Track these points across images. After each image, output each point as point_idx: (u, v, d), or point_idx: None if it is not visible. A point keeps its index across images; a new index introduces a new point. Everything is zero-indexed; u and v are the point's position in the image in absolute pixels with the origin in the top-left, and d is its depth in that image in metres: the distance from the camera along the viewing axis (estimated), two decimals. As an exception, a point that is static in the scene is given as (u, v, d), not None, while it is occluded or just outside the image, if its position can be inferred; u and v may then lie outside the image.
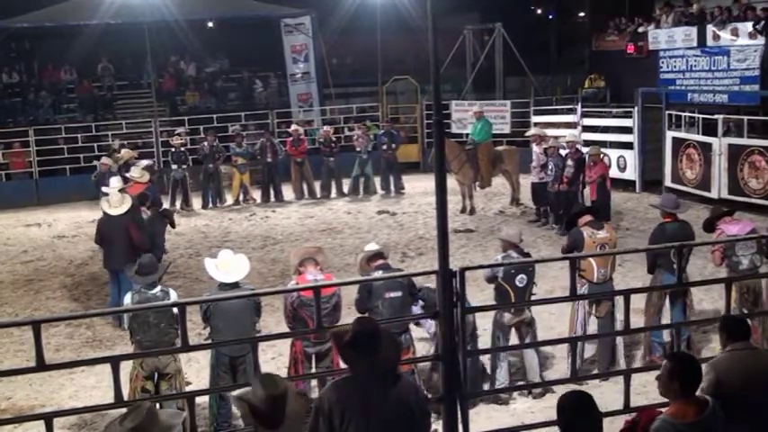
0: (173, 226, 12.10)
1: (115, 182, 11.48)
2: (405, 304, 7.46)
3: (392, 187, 18.92)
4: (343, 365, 4.79)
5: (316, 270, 7.40)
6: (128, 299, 7.43)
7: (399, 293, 7.39)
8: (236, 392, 4.26)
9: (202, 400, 7.31)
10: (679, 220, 8.70)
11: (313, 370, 7.34)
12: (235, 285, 7.11)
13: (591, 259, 8.05)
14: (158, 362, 7.08)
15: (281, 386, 4.05)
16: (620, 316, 8.25)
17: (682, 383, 4.45)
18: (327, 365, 7.21)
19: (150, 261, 7.66)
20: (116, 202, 10.70)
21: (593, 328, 8.43)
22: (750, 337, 5.30)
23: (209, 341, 7.15)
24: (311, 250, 7.80)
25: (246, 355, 7.04)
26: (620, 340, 8.32)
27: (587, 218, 8.62)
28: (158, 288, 7.35)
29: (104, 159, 15.53)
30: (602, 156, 14.06)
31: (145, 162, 14.79)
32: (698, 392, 4.57)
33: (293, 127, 19.05)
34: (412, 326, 8.12)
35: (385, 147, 18.77)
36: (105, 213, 10.82)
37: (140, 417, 3.85)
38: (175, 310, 6.74)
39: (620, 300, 8.10)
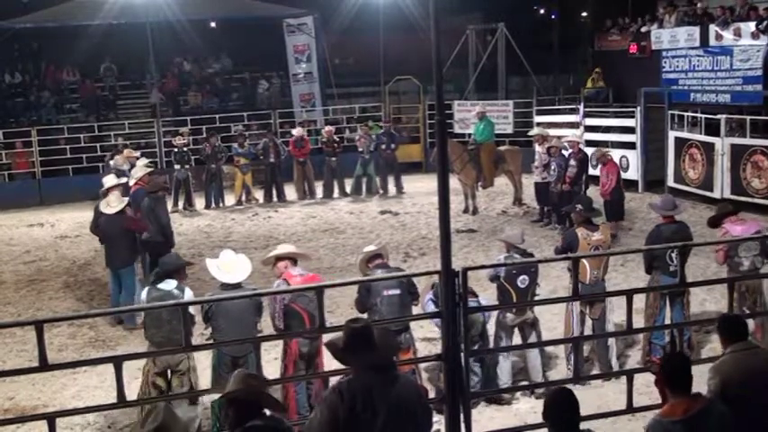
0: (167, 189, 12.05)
1: (108, 179, 11.56)
2: (404, 302, 7.48)
3: (392, 187, 18.92)
4: (340, 366, 4.84)
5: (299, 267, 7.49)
6: (144, 294, 7.47)
7: (398, 291, 7.42)
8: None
9: (205, 400, 7.31)
10: (676, 221, 8.69)
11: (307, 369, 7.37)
12: (237, 285, 7.11)
13: (584, 260, 8.04)
14: (171, 359, 7.10)
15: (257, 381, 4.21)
16: (612, 317, 8.29)
17: (670, 383, 4.49)
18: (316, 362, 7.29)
19: (169, 259, 7.71)
20: (114, 201, 10.72)
21: (588, 330, 8.42)
22: (749, 336, 5.31)
23: (211, 341, 7.16)
24: (293, 251, 7.85)
25: (248, 355, 7.06)
26: (612, 342, 8.32)
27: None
28: (174, 285, 7.33)
29: (117, 158, 15.60)
30: (609, 156, 14.00)
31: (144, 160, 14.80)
32: (704, 394, 4.60)
33: (298, 131, 18.90)
34: (414, 325, 8.14)
35: (384, 146, 18.77)
36: (102, 213, 10.84)
37: (160, 416, 3.94)
38: (191, 309, 6.78)
39: (613, 301, 8.13)
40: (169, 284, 7.32)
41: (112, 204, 10.68)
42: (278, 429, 4.28)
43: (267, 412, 4.39)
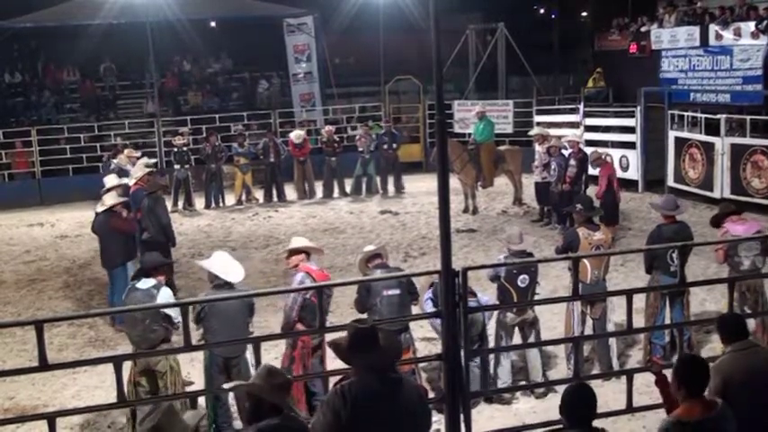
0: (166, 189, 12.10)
1: (109, 179, 11.55)
2: (404, 302, 7.50)
3: (391, 187, 18.93)
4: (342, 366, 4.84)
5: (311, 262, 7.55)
6: (124, 294, 7.48)
7: (398, 291, 7.44)
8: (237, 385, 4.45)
9: (202, 401, 7.31)
10: (677, 221, 8.70)
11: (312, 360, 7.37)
12: (229, 286, 7.10)
13: (585, 260, 8.04)
14: (150, 359, 7.06)
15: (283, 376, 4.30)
16: (613, 317, 8.29)
17: (686, 385, 4.48)
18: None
19: (149, 257, 7.70)
20: (107, 200, 10.67)
21: (588, 329, 8.42)
22: (749, 335, 5.31)
23: (202, 342, 7.14)
24: (309, 245, 7.87)
25: (240, 356, 7.06)
26: (613, 341, 8.33)
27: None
28: (152, 283, 7.25)
29: (121, 157, 15.61)
30: (604, 156, 14.00)
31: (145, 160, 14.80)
32: (706, 395, 4.60)
33: (296, 135, 18.80)
34: (414, 325, 8.14)
35: (386, 146, 18.77)
36: (96, 213, 10.82)
37: (158, 417, 3.93)
38: (172, 311, 6.79)
39: (613, 301, 8.13)
40: (146, 283, 7.26)
41: (105, 203, 10.65)
42: (291, 428, 4.28)
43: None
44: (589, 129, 18.68)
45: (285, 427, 4.24)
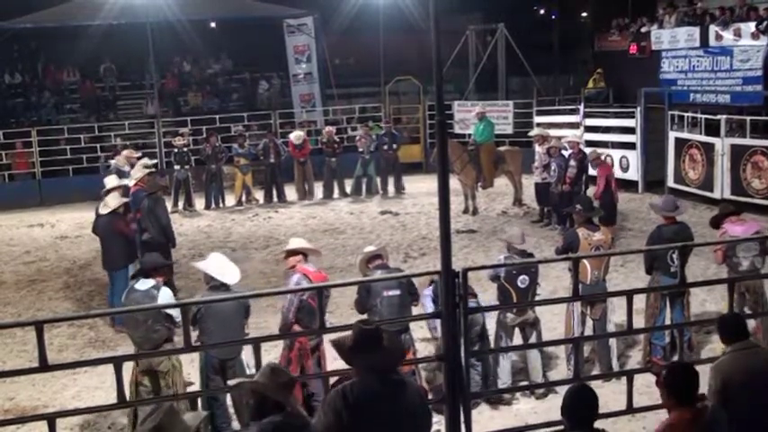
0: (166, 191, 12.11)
1: (110, 180, 11.54)
2: (404, 303, 7.49)
3: (391, 187, 18.93)
4: (345, 366, 4.83)
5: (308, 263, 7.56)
6: (123, 295, 7.49)
7: (398, 292, 7.43)
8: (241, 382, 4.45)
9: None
10: (677, 222, 8.70)
11: (311, 362, 7.37)
12: (225, 287, 7.10)
13: (585, 260, 8.04)
14: (152, 358, 7.06)
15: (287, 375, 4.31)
16: (613, 318, 8.29)
17: (676, 395, 4.48)
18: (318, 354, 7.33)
19: (148, 258, 7.70)
20: (110, 201, 10.66)
21: (588, 330, 8.42)
22: (749, 335, 5.31)
23: (198, 343, 7.14)
24: (306, 246, 7.87)
25: (236, 358, 7.06)
26: (613, 342, 8.33)
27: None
28: (151, 284, 7.25)
29: (118, 158, 15.60)
30: (603, 156, 13.98)
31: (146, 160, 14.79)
32: (706, 396, 4.60)
33: (295, 135, 18.80)
34: (414, 325, 8.14)
35: (386, 147, 18.77)
36: (99, 215, 10.80)
37: (159, 417, 3.93)
38: (173, 311, 6.79)
39: (613, 302, 8.13)
40: (146, 284, 7.27)
41: (109, 205, 10.64)
42: (294, 426, 4.29)
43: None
44: (589, 129, 18.70)
45: (288, 424, 4.24)
